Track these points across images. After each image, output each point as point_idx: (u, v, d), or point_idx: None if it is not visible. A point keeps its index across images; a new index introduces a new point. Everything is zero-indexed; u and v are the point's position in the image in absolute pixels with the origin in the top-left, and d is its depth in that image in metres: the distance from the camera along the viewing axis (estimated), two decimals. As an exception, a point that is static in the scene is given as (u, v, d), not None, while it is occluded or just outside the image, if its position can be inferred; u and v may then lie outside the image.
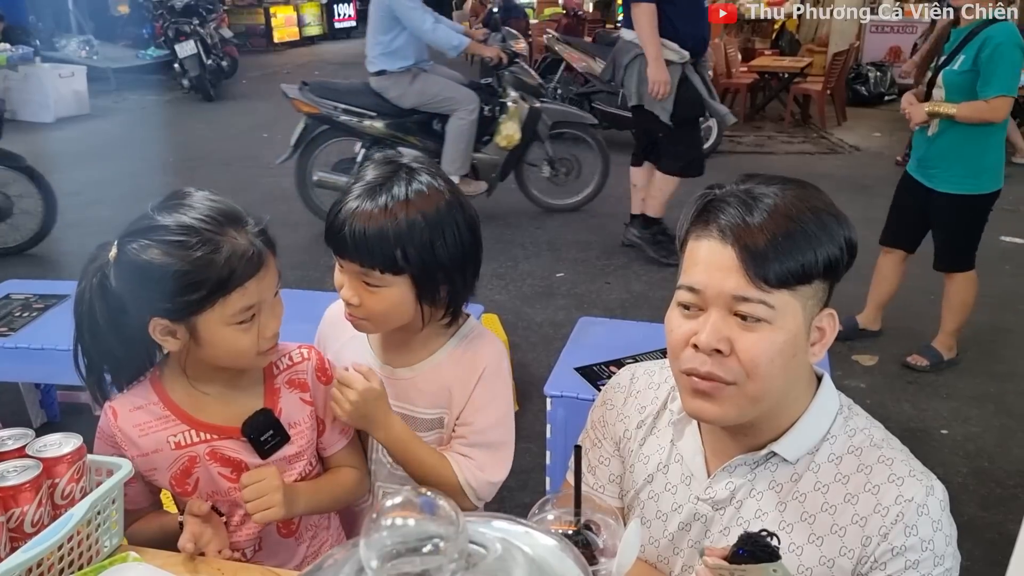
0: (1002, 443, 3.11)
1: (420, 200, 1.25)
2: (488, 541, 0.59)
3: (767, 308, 0.97)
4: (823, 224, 0.98)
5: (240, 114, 9.87)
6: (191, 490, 1.30)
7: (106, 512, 1.14)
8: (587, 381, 2.32)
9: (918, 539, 1.00)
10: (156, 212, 1.19)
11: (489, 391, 1.39)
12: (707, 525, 1.12)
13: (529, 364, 3.72)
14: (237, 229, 1.18)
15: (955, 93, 3.31)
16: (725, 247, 0.98)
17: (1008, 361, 3.79)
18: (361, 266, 1.26)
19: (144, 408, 1.28)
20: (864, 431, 1.08)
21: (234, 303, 1.17)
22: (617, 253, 5.13)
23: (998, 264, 4.88)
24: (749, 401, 1.01)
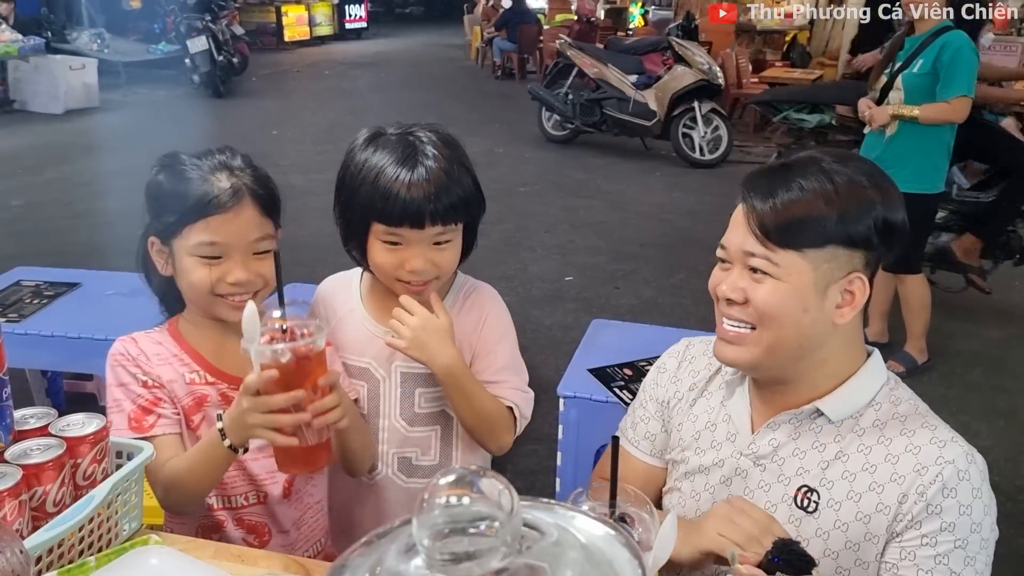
0: (1013, 458, 3.09)
1: (447, 142, 1.35)
2: (544, 525, 0.58)
3: (771, 264, 1.07)
4: (849, 198, 1.06)
5: (250, 111, 9.88)
6: (195, 426, 1.34)
7: (127, 495, 1.13)
8: (600, 382, 2.31)
9: (956, 502, 1.02)
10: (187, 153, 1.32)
11: (496, 331, 1.47)
12: (747, 480, 1.18)
13: (538, 367, 3.70)
14: (228, 173, 1.28)
15: (915, 95, 3.44)
16: (745, 208, 1.10)
17: (1019, 376, 3.77)
18: (443, 224, 1.31)
19: (162, 345, 1.36)
20: (909, 401, 1.13)
21: (196, 234, 1.25)
22: (626, 258, 5.13)
23: (1008, 280, 4.86)
24: (765, 349, 1.10)
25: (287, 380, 1.09)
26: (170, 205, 1.26)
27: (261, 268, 1.29)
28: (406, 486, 1.50)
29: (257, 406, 1.11)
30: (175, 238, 1.27)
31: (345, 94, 11.21)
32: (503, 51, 12.94)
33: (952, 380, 3.70)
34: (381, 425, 1.48)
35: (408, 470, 1.50)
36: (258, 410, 1.11)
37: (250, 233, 1.28)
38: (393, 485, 1.50)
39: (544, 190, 6.66)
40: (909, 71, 3.45)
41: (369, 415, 1.49)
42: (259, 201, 1.29)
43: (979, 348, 3.97)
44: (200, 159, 1.30)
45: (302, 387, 1.10)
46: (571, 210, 6.13)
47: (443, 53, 16.24)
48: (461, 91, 11.61)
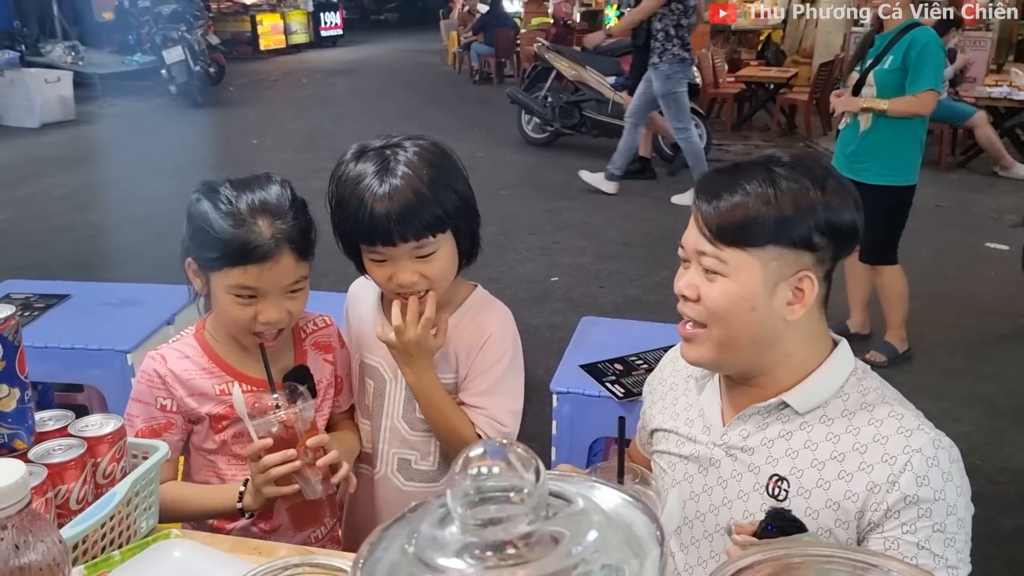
0: (992, 441, 3.17)
1: (426, 156, 1.34)
2: (570, 495, 0.62)
3: (720, 263, 1.11)
4: (787, 201, 1.09)
5: (229, 121, 9.87)
6: (221, 429, 1.41)
7: (144, 493, 1.16)
8: (592, 377, 2.36)
9: (930, 489, 1.06)
10: (231, 181, 1.34)
11: (493, 354, 1.47)
12: (720, 470, 1.21)
13: (527, 366, 3.71)
14: (268, 220, 1.29)
15: (886, 90, 3.54)
16: (694, 208, 1.15)
17: (996, 363, 3.86)
18: (416, 240, 1.32)
19: (191, 359, 1.41)
20: (877, 391, 1.16)
21: (235, 277, 1.29)
22: (610, 258, 5.18)
23: (983, 270, 4.98)
24: (717, 345, 1.14)
25: (280, 445, 1.28)
26: (210, 242, 1.29)
27: (292, 306, 1.35)
28: (404, 489, 1.52)
29: (259, 467, 1.27)
30: (213, 271, 1.32)
31: (323, 102, 11.21)
32: (480, 55, 12.99)
33: (933, 368, 3.78)
34: (384, 424, 1.52)
35: (407, 473, 1.53)
36: (259, 471, 1.27)
37: (285, 279, 1.32)
38: (391, 486, 1.53)
39: (527, 192, 6.71)
40: (880, 67, 3.55)
41: (373, 413, 1.53)
42: (296, 250, 1.32)
43: (958, 337, 4.06)
44: (241, 193, 1.30)
45: (293, 448, 1.28)
46: (554, 212, 6.18)
47: (420, 59, 16.27)
48: (440, 96, 11.65)
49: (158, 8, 11.41)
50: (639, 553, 0.60)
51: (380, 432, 1.53)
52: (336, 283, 1.65)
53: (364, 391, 1.55)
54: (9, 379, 1.04)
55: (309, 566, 0.86)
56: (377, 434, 1.53)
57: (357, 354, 1.56)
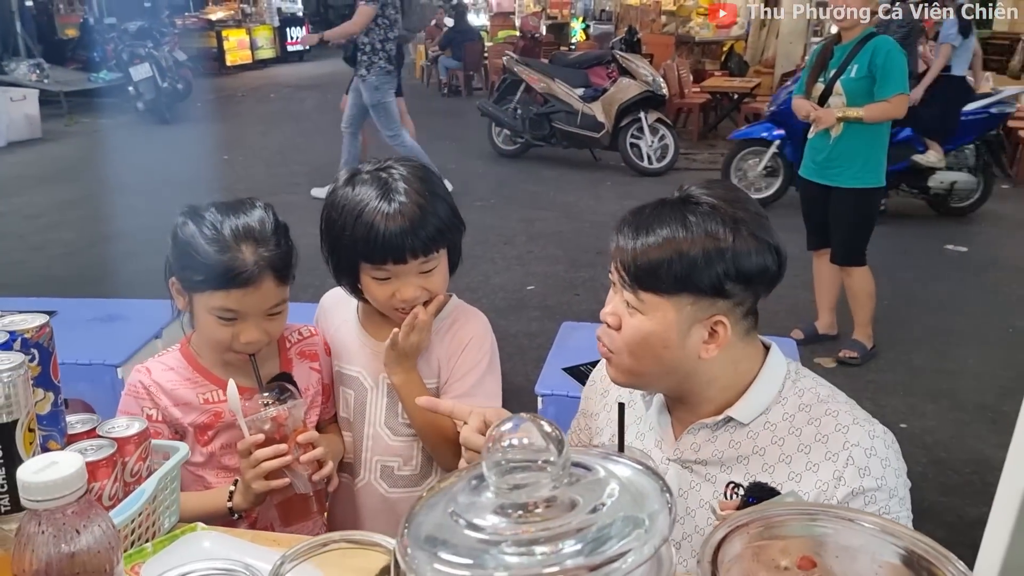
0: (956, 434, 3.31)
1: (416, 175, 1.41)
2: (591, 463, 0.70)
3: (637, 301, 1.13)
4: (698, 248, 1.09)
5: (198, 136, 9.85)
6: (207, 441, 1.45)
7: (167, 491, 1.22)
8: (575, 380, 2.44)
9: (872, 478, 1.11)
10: (216, 205, 1.39)
11: (473, 358, 1.53)
12: (678, 482, 1.24)
13: (507, 374, 3.77)
14: (252, 246, 1.34)
15: (856, 98, 3.68)
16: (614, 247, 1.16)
17: (958, 359, 4.01)
18: (425, 255, 1.39)
19: (175, 370, 1.46)
20: (811, 390, 1.20)
21: (217, 300, 1.34)
22: (584, 266, 5.28)
23: (944, 271, 5.16)
24: (625, 372, 1.18)
25: (270, 441, 1.34)
26: (193, 265, 1.34)
27: (271, 327, 1.41)
28: (388, 496, 1.57)
29: (249, 462, 1.33)
30: (196, 292, 1.37)
31: (293, 117, 11.23)
32: (448, 69, 13.09)
33: (898, 366, 3.93)
34: (366, 432, 1.56)
35: (390, 479, 1.56)
36: (250, 466, 1.33)
37: (267, 303, 1.37)
38: (375, 493, 1.57)
39: (499, 204, 6.80)
40: (847, 76, 3.68)
41: (355, 422, 1.57)
42: (278, 275, 1.37)
43: (921, 335, 4.20)
44: (225, 218, 1.35)
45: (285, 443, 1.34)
46: (527, 222, 6.29)
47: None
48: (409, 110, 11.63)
49: (124, 25, 11.37)
50: (651, 509, 0.68)
51: (362, 440, 1.57)
52: (316, 295, 1.71)
53: (345, 403, 1.59)
54: (44, 383, 1.10)
55: (348, 542, 0.92)
56: (359, 443, 1.57)
57: (334, 365, 1.60)
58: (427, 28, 14.78)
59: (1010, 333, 4.33)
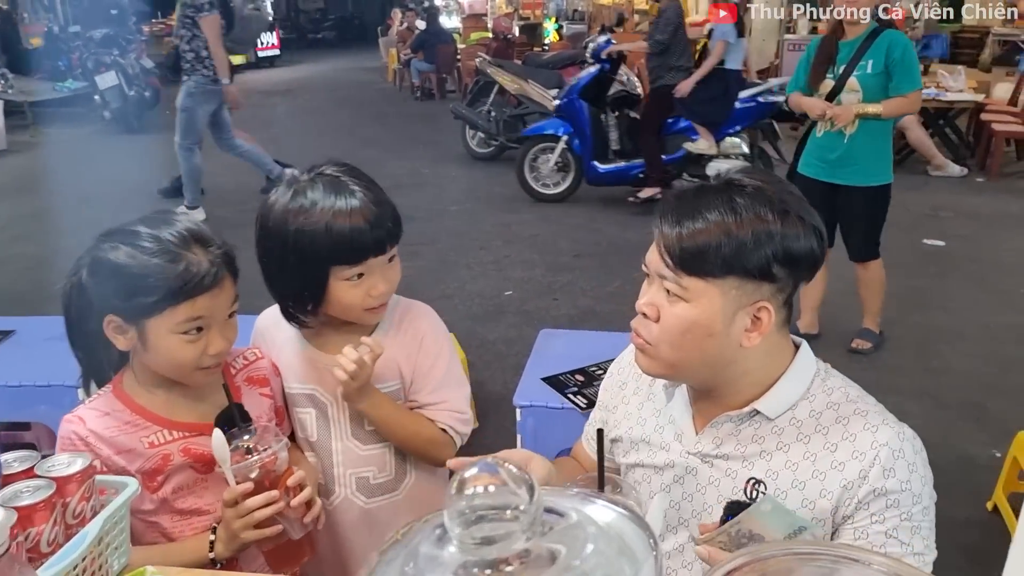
0: (942, 434, 3.26)
1: (353, 172, 1.40)
2: (564, 509, 0.63)
3: (681, 288, 1.10)
4: (747, 230, 1.08)
5: (167, 145, 9.46)
6: (157, 487, 1.34)
7: (115, 531, 1.13)
8: (554, 390, 2.37)
9: (896, 480, 1.10)
10: (139, 222, 1.28)
11: (431, 353, 1.52)
12: (697, 478, 1.22)
13: (485, 382, 3.75)
14: (201, 248, 1.27)
15: (873, 93, 3.63)
16: (656, 232, 1.14)
17: (941, 357, 3.98)
18: (390, 245, 1.39)
19: (111, 415, 1.33)
20: (841, 389, 1.19)
21: (182, 313, 1.24)
22: (562, 270, 5.22)
23: (923, 266, 5.13)
24: (666, 365, 1.16)
25: (260, 488, 1.27)
26: (145, 288, 1.23)
27: (231, 333, 1.34)
28: (366, 507, 1.52)
29: (239, 512, 1.26)
30: (149, 318, 1.25)
31: (263, 123, 11.06)
32: (421, 72, 12.99)
33: (881, 365, 3.89)
34: (335, 448, 1.52)
35: (367, 490, 1.52)
36: (239, 515, 1.26)
37: (228, 304, 1.31)
38: (353, 507, 1.53)
39: (474, 208, 6.73)
40: (863, 72, 3.61)
41: (320, 440, 1.52)
42: (233, 272, 1.31)
43: (902, 332, 4.17)
44: (159, 227, 1.26)
45: (275, 489, 1.28)
46: (503, 225, 6.21)
47: (360, 77, 16.21)
48: (382, 114, 11.61)
49: (89, 33, 11.17)
50: (635, 563, 0.61)
51: (331, 456, 1.52)
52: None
53: (301, 424, 1.53)
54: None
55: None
56: (328, 459, 1.52)
57: (284, 387, 1.54)
58: (398, 31, 14.67)
59: (991, 329, 4.31)
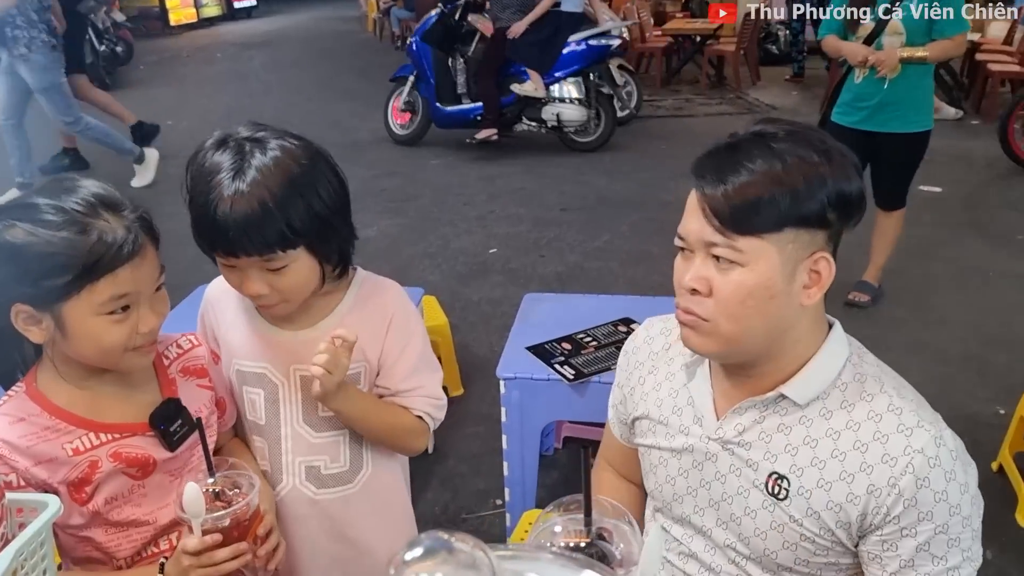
0: (942, 389, 3.15)
1: (284, 165, 1.19)
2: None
3: (735, 251, 1.01)
4: (799, 176, 1.00)
5: (141, 102, 9.33)
6: (87, 499, 1.18)
7: (35, 558, 0.99)
8: (540, 360, 2.24)
9: (930, 491, 1.00)
10: (34, 193, 1.11)
11: (401, 337, 1.38)
12: (717, 464, 1.15)
13: (470, 345, 3.62)
14: (113, 214, 1.10)
15: (918, 36, 3.47)
16: (697, 196, 1.05)
17: (939, 309, 3.86)
18: (260, 255, 1.19)
19: (27, 420, 1.15)
20: (875, 378, 1.09)
21: (103, 290, 1.08)
22: (548, 225, 5.06)
23: (919, 213, 4.97)
24: (726, 340, 1.06)
25: (228, 538, 1.15)
26: (53, 267, 1.05)
27: (163, 307, 1.18)
28: (316, 498, 1.41)
29: (202, 562, 1.14)
30: (66, 301, 1.08)
31: (240, 77, 10.78)
32: (401, 20, 12.65)
33: (878, 318, 3.76)
34: (284, 433, 1.38)
35: (317, 480, 1.40)
36: (200, 565, 1.14)
37: (153, 275, 1.15)
38: (301, 497, 1.41)
39: (457, 161, 6.53)
40: (908, 15, 3.45)
41: (268, 424, 1.39)
42: (154, 239, 1.15)
43: (902, 285, 4.04)
44: (60, 197, 1.09)
45: (244, 540, 1.17)
46: (488, 179, 6.02)
47: (339, 27, 15.80)
48: (361, 65, 11.29)
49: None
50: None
51: (281, 443, 1.39)
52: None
53: (251, 405, 1.40)
54: None
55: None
56: (277, 446, 1.39)
57: (231, 363, 1.39)
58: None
59: (991, 277, 4.18)
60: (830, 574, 1.11)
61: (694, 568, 1.21)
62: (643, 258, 4.50)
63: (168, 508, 1.24)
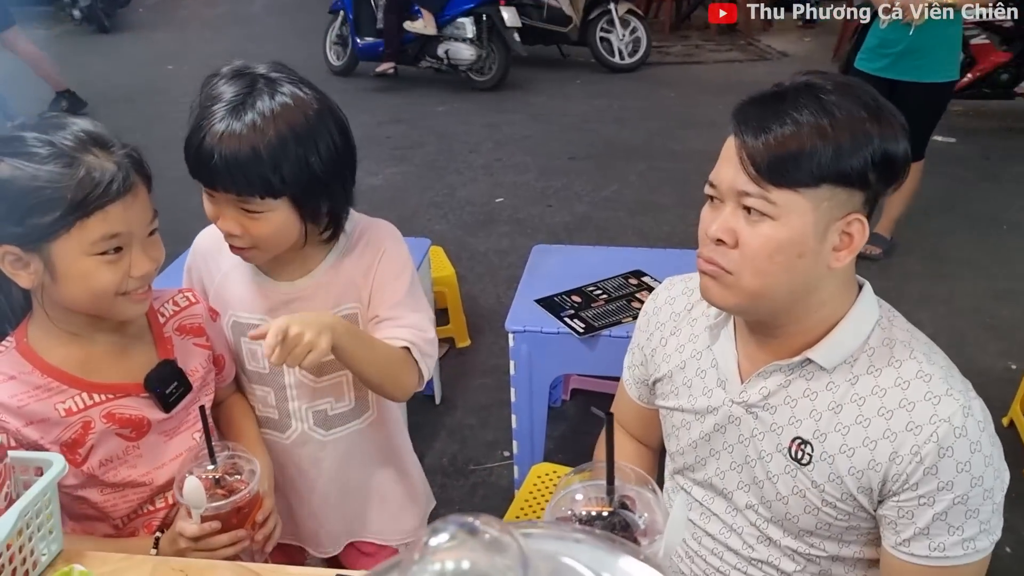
0: (955, 343, 3.12)
1: (287, 113, 1.16)
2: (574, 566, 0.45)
3: (768, 204, 0.98)
4: (846, 132, 0.96)
5: (140, 46, 9.24)
6: (80, 461, 1.16)
7: (40, 517, 0.97)
8: (549, 312, 2.21)
9: (953, 461, 0.98)
10: (22, 127, 1.07)
11: (392, 268, 1.36)
12: (740, 428, 1.13)
13: (477, 296, 3.59)
14: (102, 150, 1.07)
15: None
16: (735, 143, 1.01)
17: (951, 262, 3.81)
18: (238, 195, 1.17)
19: (17, 379, 1.11)
20: (904, 343, 1.05)
21: (94, 229, 1.05)
22: (556, 173, 4.98)
23: (933, 164, 4.87)
24: (748, 295, 1.03)
25: (227, 524, 1.15)
26: (40, 204, 1.02)
27: (156, 252, 1.14)
28: (325, 440, 1.41)
29: (200, 547, 1.14)
30: (54, 241, 1.04)
31: (241, 20, 10.56)
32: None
33: (890, 271, 3.72)
34: (287, 382, 1.38)
35: (325, 423, 1.41)
36: (198, 549, 1.14)
37: (146, 216, 1.12)
38: (312, 440, 1.41)
39: (463, 107, 6.42)
40: None
41: (271, 373, 1.37)
42: (144, 177, 1.12)
43: (913, 237, 3.99)
44: (48, 131, 1.05)
45: (242, 527, 1.17)
46: (493, 126, 5.92)
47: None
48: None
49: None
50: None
51: (286, 391, 1.38)
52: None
53: (251, 355, 1.38)
54: None
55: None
56: (282, 392, 1.39)
57: (226, 314, 1.37)
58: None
59: (1004, 230, 4.13)
60: (852, 538, 1.10)
61: (716, 527, 1.20)
62: (652, 208, 4.44)
63: (164, 468, 1.23)
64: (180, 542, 1.14)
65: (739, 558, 1.18)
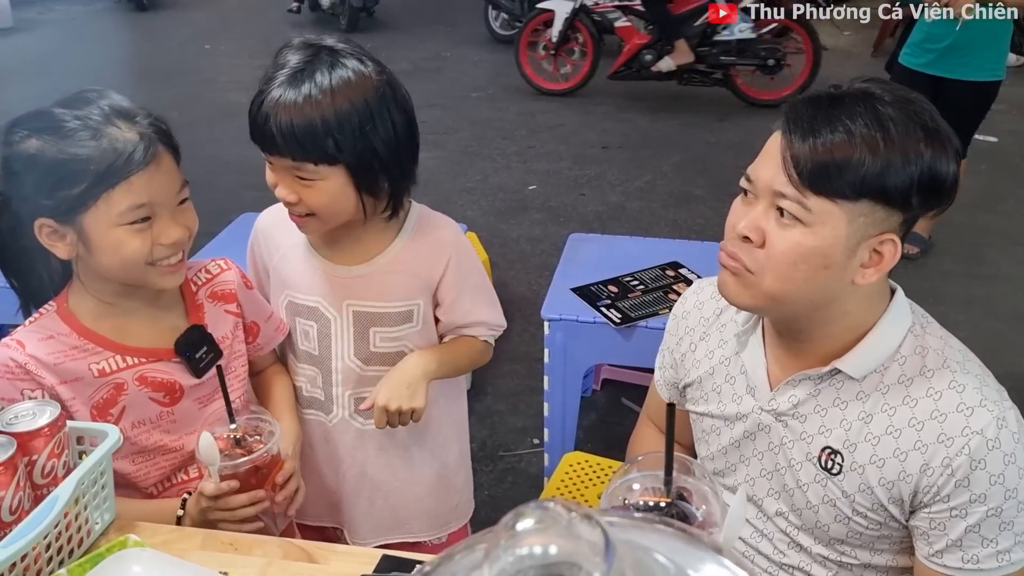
0: (991, 346, 3.06)
1: (346, 87, 1.19)
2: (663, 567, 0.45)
3: (803, 209, 0.96)
4: (897, 150, 0.93)
5: (178, 24, 9.29)
6: (115, 419, 1.19)
7: (96, 487, 0.99)
8: (585, 302, 2.20)
9: (986, 473, 0.96)
10: (52, 104, 1.10)
11: (462, 275, 1.40)
12: (770, 435, 1.12)
13: (508, 283, 3.59)
14: (126, 121, 1.10)
15: None
16: (781, 142, 0.98)
17: (991, 263, 3.76)
18: (293, 160, 1.20)
19: (56, 338, 1.15)
20: (937, 352, 1.03)
21: (120, 199, 1.08)
22: (589, 162, 4.97)
23: (973, 164, 4.82)
24: (765, 296, 1.01)
25: (246, 484, 1.17)
26: (70, 175, 1.06)
27: (188, 220, 1.17)
28: (363, 429, 1.43)
29: (219, 506, 1.16)
30: (84, 212, 1.08)
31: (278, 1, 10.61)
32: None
33: (927, 271, 3.68)
34: (334, 367, 1.40)
35: (366, 412, 1.41)
36: (218, 509, 1.16)
37: (174, 184, 1.14)
38: (350, 428, 1.44)
39: (497, 94, 6.40)
40: None
41: (320, 356, 1.40)
42: (172, 148, 1.15)
43: (952, 236, 3.94)
44: (74, 107, 1.08)
45: (262, 487, 1.18)
46: (527, 114, 5.91)
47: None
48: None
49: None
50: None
51: (332, 375, 1.41)
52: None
53: (304, 335, 1.41)
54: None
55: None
56: (328, 377, 1.42)
57: (282, 294, 1.40)
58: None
59: (1045, 232, 4.07)
60: (884, 546, 1.09)
61: (746, 532, 1.19)
62: (686, 200, 4.41)
63: (196, 435, 1.24)
64: (202, 502, 1.16)
65: (770, 562, 1.17)
